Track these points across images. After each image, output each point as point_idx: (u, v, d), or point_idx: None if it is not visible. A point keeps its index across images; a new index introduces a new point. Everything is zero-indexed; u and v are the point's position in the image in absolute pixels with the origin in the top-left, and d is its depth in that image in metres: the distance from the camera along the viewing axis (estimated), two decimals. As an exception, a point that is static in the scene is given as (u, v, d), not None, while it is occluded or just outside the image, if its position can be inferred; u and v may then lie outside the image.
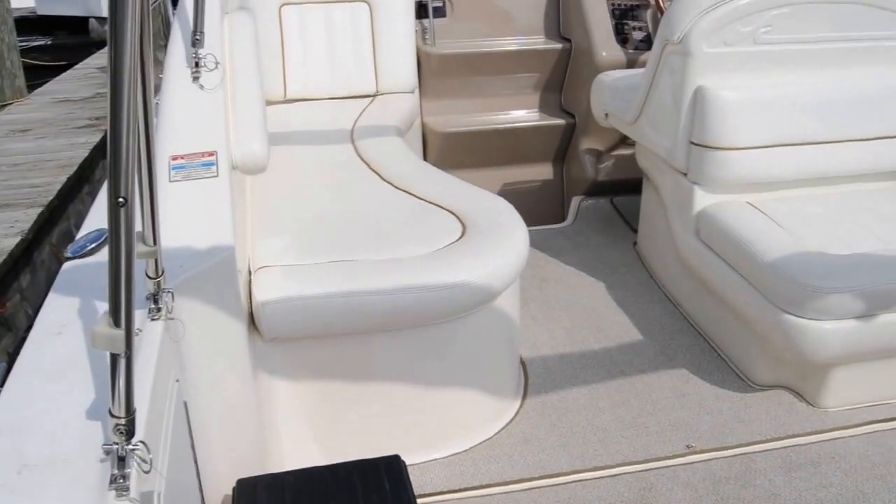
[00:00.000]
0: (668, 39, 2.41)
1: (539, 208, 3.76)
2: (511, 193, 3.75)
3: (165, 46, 1.94)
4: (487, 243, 1.89)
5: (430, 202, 2.14)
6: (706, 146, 2.36)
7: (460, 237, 1.93)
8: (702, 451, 2.05)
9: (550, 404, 2.23)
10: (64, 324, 1.29)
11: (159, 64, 1.94)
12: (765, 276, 2.12)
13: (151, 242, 1.27)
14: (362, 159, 2.51)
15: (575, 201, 3.60)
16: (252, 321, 1.73)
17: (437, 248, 1.88)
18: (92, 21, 10.78)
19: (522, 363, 2.40)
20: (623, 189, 3.56)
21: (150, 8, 1.16)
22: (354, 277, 1.76)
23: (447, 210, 2.08)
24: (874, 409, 2.19)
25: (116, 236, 0.94)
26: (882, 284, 2.01)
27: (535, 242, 3.21)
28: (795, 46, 2.41)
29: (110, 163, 0.91)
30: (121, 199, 0.92)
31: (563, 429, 2.14)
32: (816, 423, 2.15)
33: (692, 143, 2.41)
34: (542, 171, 3.82)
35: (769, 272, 2.09)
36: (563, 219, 3.57)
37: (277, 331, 1.75)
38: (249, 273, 1.78)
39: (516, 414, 2.19)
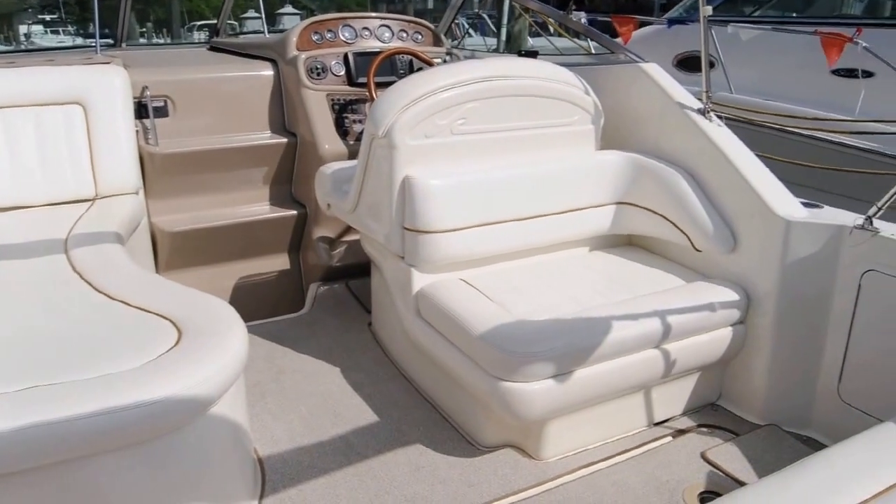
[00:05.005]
0: (374, 134, 2.59)
1: (279, 299, 3.77)
2: (250, 286, 3.74)
3: None
4: (202, 349, 1.87)
5: (145, 310, 2.08)
6: (417, 231, 2.54)
7: (175, 344, 1.89)
8: None
9: (289, 499, 2.22)
10: None
11: None
12: (477, 347, 2.30)
13: None
14: (76, 271, 2.38)
15: (312, 288, 3.67)
16: None
17: (150, 359, 1.82)
18: None
19: (260, 461, 2.38)
20: (357, 272, 3.69)
21: None
22: (57, 404, 1.64)
23: (163, 317, 2.03)
24: (584, 454, 2.44)
25: None
26: (576, 344, 2.26)
27: (273, 334, 3.22)
28: (488, 135, 2.68)
29: None
30: None
31: None
32: (538, 475, 2.34)
33: (405, 228, 2.58)
34: (279, 262, 3.86)
35: (480, 343, 2.28)
36: (303, 307, 3.62)
37: None
38: None
39: None
